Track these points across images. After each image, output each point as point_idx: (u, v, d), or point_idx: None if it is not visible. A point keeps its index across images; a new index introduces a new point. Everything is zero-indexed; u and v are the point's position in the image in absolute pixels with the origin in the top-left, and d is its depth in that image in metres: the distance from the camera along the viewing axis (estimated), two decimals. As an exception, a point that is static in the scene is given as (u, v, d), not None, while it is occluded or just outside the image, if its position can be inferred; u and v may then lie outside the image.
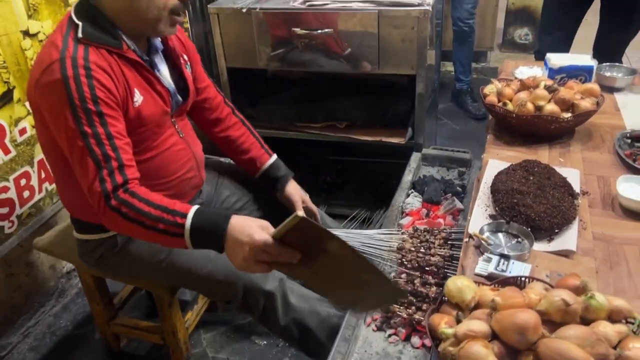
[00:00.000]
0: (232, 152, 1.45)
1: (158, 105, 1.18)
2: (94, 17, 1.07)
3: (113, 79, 1.06)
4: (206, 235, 1.01)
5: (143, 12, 1.07)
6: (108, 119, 1.03)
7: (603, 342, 0.72)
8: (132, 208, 1.02)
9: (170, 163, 1.21)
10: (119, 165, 1.04)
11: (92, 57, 1.04)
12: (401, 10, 1.73)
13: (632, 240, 1.07)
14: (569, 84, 1.47)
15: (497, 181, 1.20)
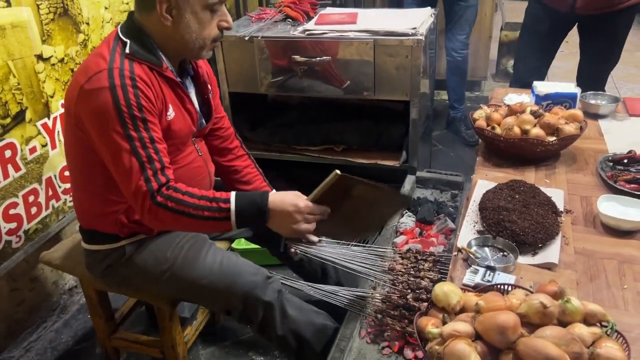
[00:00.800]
0: (236, 182, 1.53)
1: (186, 122, 1.28)
2: (139, 37, 1.18)
3: (153, 91, 1.16)
4: (250, 214, 1.16)
5: (191, 41, 1.19)
6: (151, 125, 1.13)
7: (577, 342, 0.78)
8: (178, 201, 1.13)
9: (189, 178, 1.29)
10: (162, 167, 1.14)
11: (136, 70, 1.14)
12: (395, 39, 1.82)
13: (611, 255, 1.13)
14: (554, 109, 1.55)
15: (485, 199, 1.27)
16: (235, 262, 1.31)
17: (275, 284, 1.32)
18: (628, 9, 2.14)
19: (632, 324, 0.95)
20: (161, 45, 1.21)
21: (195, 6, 1.16)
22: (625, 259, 1.12)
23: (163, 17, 1.15)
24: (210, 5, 1.17)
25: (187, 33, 1.18)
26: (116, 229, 1.29)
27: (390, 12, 2.17)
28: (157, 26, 1.18)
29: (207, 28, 1.19)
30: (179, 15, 1.16)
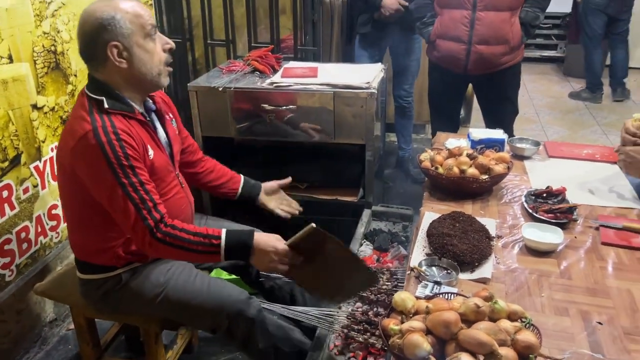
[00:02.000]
0: (213, 182, 1.77)
1: (163, 156, 1.46)
2: (108, 91, 1.35)
3: (134, 138, 1.33)
4: (237, 251, 1.37)
5: (149, 72, 1.37)
6: (138, 170, 1.31)
7: (503, 332, 1.02)
8: (176, 238, 1.32)
9: (173, 208, 1.47)
10: (154, 204, 1.32)
11: (117, 124, 1.31)
12: (352, 92, 2.10)
13: (532, 271, 1.40)
14: (486, 152, 1.84)
15: (431, 227, 1.52)
16: (222, 285, 1.51)
17: (255, 303, 1.52)
18: (511, 67, 2.51)
19: (547, 322, 1.21)
20: (125, 90, 1.37)
21: (138, 39, 1.33)
22: (542, 274, 1.39)
23: (118, 62, 1.32)
24: (148, 33, 1.35)
25: (142, 66, 1.35)
26: (113, 261, 1.46)
27: (346, 67, 2.46)
28: (116, 74, 1.35)
29: (156, 55, 1.37)
30: (130, 54, 1.33)
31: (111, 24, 1.30)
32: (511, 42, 2.42)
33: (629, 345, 1.15)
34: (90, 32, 1.31)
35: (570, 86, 5.14)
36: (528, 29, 2.44)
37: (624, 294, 1.31)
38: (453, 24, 2.44)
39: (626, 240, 1.51)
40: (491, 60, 2.45)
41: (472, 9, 2.38)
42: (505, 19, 2.38)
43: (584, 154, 2.05)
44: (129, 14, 1.32)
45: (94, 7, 1.33)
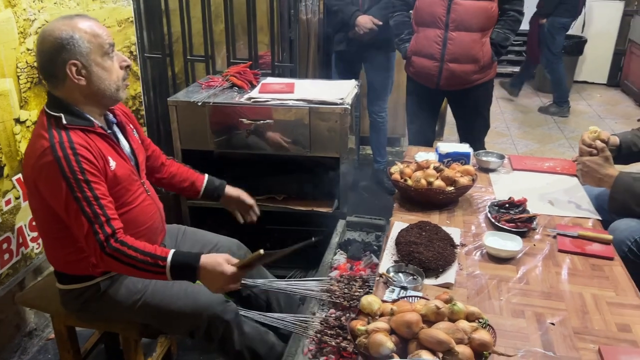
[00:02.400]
0: (177, 184, 1.84)
1: (126, 166, 1.51)
2: (66, 108, 1.41)
3: (92, 152, 1.39)
4: (182, 272, 1.40)
5: (107, 88, 1.43)
6: (93, 185, 1.36)
7: (460, 331, 1.11)
8: (124, 254, 1.36)
9: (141, 215, 1.54)
10: (106, 219, 1.36)
11: (74, 138, 1.37)
12: (327, 107, 2.20)
13: (492, 276, 1.50)
14: (453, 165, 1.95)
15: (399, 236, 1.61)
16: (199, 289, 1.57)
17: (232, 307, 1.59)
18: (483, 84, 2.65)
19: (504, 323, 1.30)
20: (85, 106, 1.43)
21: (96, 58, 1.39)
22: (502, 279, 1.49)
23: (77, 79, 1.37)
24: (106, 51, 1.41)
25: (101, 83, 1.41)
26: (90, 270, 1.51)
27: (322, 83, 2.55)
28: (75, 91, 1.40)
29: (114, 72, 1.44)
30: (89, 72, 1.39)
31: (70, 43, 1.36)
32: (481, 61, 2.55)
33: (577, 344, 1.25)
34: (49, 51, 1.37)
35: (540, 101, 5.33)
36: (498, 49, 2.58)
37: (576, 297, 1.42)
38: (427, 42, 2.57)
39: (581, 248, 1.62)
40: (462, 77, 2.58)
41: (445, 29, 2.51)
42: (475, 39, 2.51)
43: (545, 166, 2.18)
44: (87, 33, 1.38)
45: (53, 27, 1.38)
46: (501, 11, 2.54)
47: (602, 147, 1.78)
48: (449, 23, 2.49)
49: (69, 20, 1.39)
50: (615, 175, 1.74)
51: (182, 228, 1.85)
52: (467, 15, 2.47)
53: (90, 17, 1.44)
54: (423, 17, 2.58)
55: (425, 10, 2.55)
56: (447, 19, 2.49)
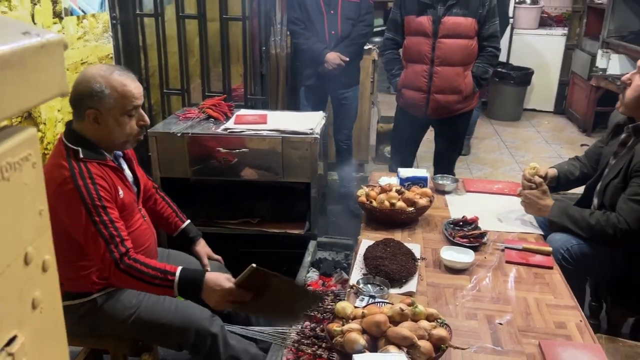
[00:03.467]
0: (157, 220, 1.98)
1: (131, 195, 1.69)
2: (84, 142, 1.57)
3: (107, 182, 1.57)
4: (189, 287, 1.56)
5: (116, 139, 1.61)
6: (109, 210, 1.53)
7: (421, 329, 1.30)
8: (137, 270, 1.53)
9: (139, 238, 1.71)
10: (121, 240, 1.54)
11: (92, 170, 1.54)
12: (298, 137, 2.39)
13: (448, 285, 1.70)
14: (412, 188, 2.17)
15: (367, 252, 1.80)
16: (188, 305, 1.72)
17: (218, 320, 1.74)
18: (464, 114, 2.95)
19: (459, 324, 1.50)
20: (98, 143, 1.60)
21: (116, 114, 1.56)
22: (457, 287, 1.69)
23: (92, 124, 1.56)
24: (128, 112, 1.57)
25: (111, 134, 1.58)
26: (88, 287, 1.65)
27: (292, 115, 2.75)
28: (90, 131, 1.57)
29: (127, 128, 1.59)
30: (104, 122, 1.56)
31: (98, 95, 1.53)
32: (464, 92, 2.85)
33: (521, 340, 1.46)
34: (80, 92, 1.54)
35: (492, 128, 5.69)
36: (479, 81, 2.87)
37: (520, 301, 1.63)
38: (415, 76, 2.86)
39: (525, 259, 1.84)
40: (447, 107, 2.88)
41: (431, 64, 2.80)
42: (458, 73, 2.81)
43: (495, 188, 2.42)
44: (117, 92, 1.55)
45: (93, 73, 1.54)
46: (480, 48, 2.84)
47: (540, 182, 2.05)
48: (434, 59, 2.78)
49: (109, 72, 1.55)
50: (551, 205, 2.00)
51: (167, 251, 1.99)
52: (450, 52, 2.76)
53: (130, 75, 1.60)
54: (411, 55, 2.87)
55: (413, 49, 2.84)
56: (432, 55, 2.78)
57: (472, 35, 2.76)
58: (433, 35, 2.75)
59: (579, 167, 2.24)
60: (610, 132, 2.11)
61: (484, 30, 2.78)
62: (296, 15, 3.23)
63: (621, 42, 4.90)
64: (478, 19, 2.74)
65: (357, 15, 3.21)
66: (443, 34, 2.73)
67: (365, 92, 4.05)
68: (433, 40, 2.75)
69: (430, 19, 2.73)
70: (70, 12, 2.32)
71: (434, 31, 2.74)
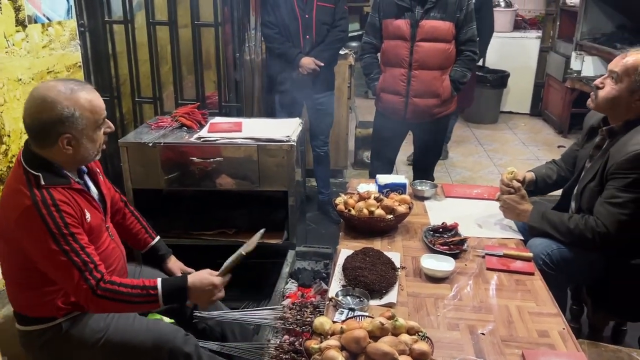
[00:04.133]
0: (126, 236, 1.90)
1: (98, 216, 1.61)
2: (46, 166, 1.48)
3: (72, 207, 1.48)
4: (174, 296, 1.53)
5: (89, 156, 1.54)
6: (77, 236, 1.45)
7: (402, 343, 1.26)
8: (116, 292, 1.46)
9: (108, 259, 1.63)
10: (95, 265, 1.46)
11: (55, 196, 1.45)
12: (274, 144, 2.34)
13: (429, 295, 1.66)
14: (391, 195, 2.13)
15: (346, 262, 1.76)
16: (159, 324, 1.65)
17: (191, 339, 1.67)
18: (443, 118, 2.93)
19: (441, 336, 1.46)
20: (65, 165, 1.51)
21: (89, 132, 1.48)
22: (438, 297, 1.66)
23: (65, 149, 1.47)
24: (99, 125, 1.51)
25: (85, 152, 1.51)
26: (53, 312, 1.56)
27: (268, 122, 2.70)
28: (59, 155, 1.48)
29: (98, 141, 1.54)
30: (77, 144, 1.48)
31: (70, 120, 1.44)
32: (442, 96, 2.83)
33: (504, 350, 1.43)
34: (47, 121, 1.43)
35: (470, 131, 5.71)
36: (457, 85, 2.86)
37: (502, 309, 1.60)
38: (394, 80, 2.84)
39: (506, 266, 1.82)
40: (426, 111, 2.85)
41: (409, 68, 2.78)
42: (436, 77, 2.79)
43: (474, 193, 2.40)
44: (86, 110, 1.47)
45: (56, 98, 1.42)
46: (458, 52, 2.83)
47: (518, 187, 2.03)
48: (412, 63, 2.77)
49: (69, 92, 1.45)
50: (530, 210, 1.99)
51: (139, 268, 1.91)
52: (427, 56, 2.74)
53: (88, 87, 1.51)
54: (389, 58, 2.85)
55: (392, 52, 2.82)
56: (410, 59, 2.76)
57: (449, 39, 2.75)
58: (411, 39, 2.73)
59: (556, 170, 2.23)
60: (585, 134, 2.11)
61: (462, 34, 2.77)
62: (270, 19, 3.18)
63: (594, 45, 4.96)
64: (455, 22, 2.73)
65: (332, 20, 3.17)
66: (421, 38, 2.72)
67: (343, 98, 4.01)
68: (411, 43, 2.74)
69: (408, 22, 2.72)
70: (34, 19, 2.24)
71: (411, 35, 2.72)
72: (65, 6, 2.48)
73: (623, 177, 1.78)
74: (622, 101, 1.83)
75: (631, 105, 1.83)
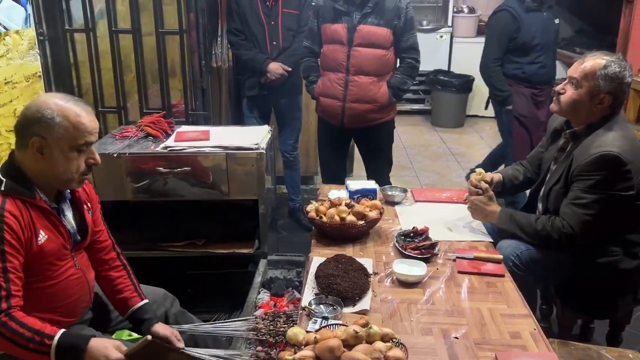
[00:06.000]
0: (109, 291, 1.74)
1: (58, 241, 1.50)
2: (16, 175, 1.42)
3: (21, 223, 1.38)
4: (68, 353, 1.35)
5: (60, 175, 1.45)
6: (8, 256, 1.34)
7: (377, 351, 1.25)
8: (9, 329, 1.31)
9: (65, 289, 1.52)
10: (7, 294, 1.33)
11: (7, 205, 1.37)
12: (243, 153, 2.31)
13: (403, 300, 1.66)
14: (362, 201, 2.13)
15: (318, 270, 1.74)
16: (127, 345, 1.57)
17: None
18: (384, 124, 2.93)
19: (415, 341, 1.46)
20: (36, 178, 1.44)
21: (63, 147, 1.42)
22: (411, 302, 1.66)
23: (35, 155, 1.41)
24: (78, 146, 1.44)
25: (55, 168, 1.43)
26: None
27: (236, 130, 2.67)
28: (32, 162, 1.42)
29: (74, 164, 1.44)
30: (49, 154, 1.41)
31: (48, 123, 1.39)
32: (379, 102, 2.83)
33: (478, 353, 1.43)
34: (27, 118, 1.41)
35: (437, 135, 5.79)
36: (396, 92, 2.86)
37: (475, 312, 1.61)
38: (332, 84, 2.83)
39: (477, 268, 1.83)
40: (363, 116, 2.85)
41: (346, 73, 2.78)
42: (373, 82, 2.79)
43: (443, 197, 2.42)
44: (69, 122, 1.41)
45: (46, 100, 1.42)
46: (400, 59, 2.85)
47: (486, 188, 2.06)
48: (349, 67, 2.76)
49: (63, 102, 1.43)
50: (498, 211, 2.01)
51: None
52: (364, 61, 2.75)
53: (87, 108, 1.47)
54: (328, 63, 2.84)
55: (330, 57, 2.82)
56: (347, 64, 2.76)
57: (387, 45, 2.76)
58: (348, 43, 2.74)
59: (523, 171, 2.27)
60: (549, 137, 2.15)
61: (402, 41, 2.79)
62: (236, 27, 3.16)
63: (555, 49, 5.08)
64: (394, 30, 2.74)
65: (298, 27, 3.18)
66: (358, 43, 2.72)
67: (312, 104, 4.00)
68: (348, 48, 2.74)
69: (345, 26, 2.73)
70: (-10, 28, 2.16)
71: (348, 39, 2.73)
72: (23, 14, 2.40)
73: (586, 178, 1.82)
74: (583, 105, 1.88)
75: (592, 109, 1.88)
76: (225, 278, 2.80)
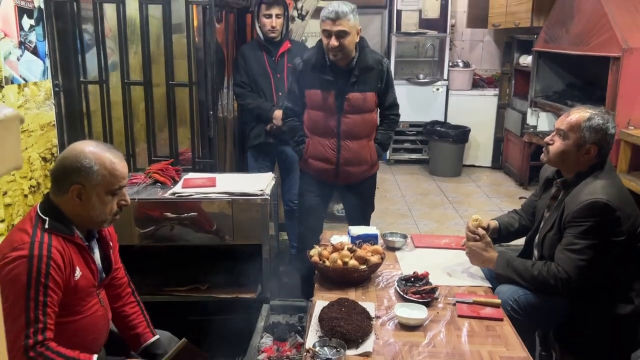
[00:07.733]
0: (123, 327, 1.83)
1: (89, 278, 1.61)
2: (56, 214, 1.54)
3: (64, 259, 1.49)
4: None
5: (95, 216, 1.58)
6: (50, 291, 1.44)
7: (381, 390, 1.29)
8: (46, 358, 1.41)
9: (89, 325, 1.61)
10: (44, 327, 1.43)
11: (53, 242, 1.48)
12: (248, 199, 2.39)
13: (404, 342, 1.70)
14: (364, 246, 2.19)
15: (322, 313, 1.79)
16: None
17: None
18: (370, 177, 3.01)
19: (417, 382, 1.50)
20: (72, 218, 1.57)
21: (100, 192, 1.55)
22: (413, 344, 1.69)
23: (73, 200, 1.54)
24: (112, 191, 1.58)
25: (92, 211, 1.56)
26: None
27: (241, 177, 2.76)
28: (69, 205, 1.56)
29: (109, 207, 1.59)
30: (87, 199, 1.54)
31: (87, 172, 1.52)
32: (370, 161, 2.92)
33: (479, 394, 1.47)
34: (66, 167, 1.53)
35: (435, 184, 5.89)
36: (383, 146, 2.97)
37: (475, 355, 1.65)
38: (324, 149, 2.84)
39: (476, 312, 1.88)
40: (357, 175, 2.91)
41: (338, 138, 2.81)
42: (364, 145, 2.86)
43: (442, 243, 2.48)
44: (106, 170, 1.55)
45: (82, 149, 1.55)
46: (382, 116, 2.96)
47: (483, 234, 2.13)
48: (340, 133, 2.80)
49: (98, 149, 1.56)
50: (495, 257, 2.08)
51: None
52: (355, 126, 2.79)
53: (119, 154, 1.60)
54: (317, 128, 2.84)
55: (320, 123, 2.82)
56: (338, 129, 2.79)
57: (373, 108, 2.85)
58: (338, 111, 2.76)
59: (518, 219, 2.35)
60: (542, 186, 2.24)
61: (385, 101, 2.88)
62: (242, 80, 3.31)
63: (547, 102, 5.27)
64: (377, 92, 2.82)
65: (303, 78, 3.30)
66: (347, 110, 2.76)
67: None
68: (338, 115, 2.77)
69: (333, 94, 2.74)
70: (11, 80, 2.28)
71: (337, 107, 2.75)
72: (41, 67, 2.54)
73: (578, 225, 1.90)
74: (571, 155, 1.98)
75: (579, 159, 1.98)
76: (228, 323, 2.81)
